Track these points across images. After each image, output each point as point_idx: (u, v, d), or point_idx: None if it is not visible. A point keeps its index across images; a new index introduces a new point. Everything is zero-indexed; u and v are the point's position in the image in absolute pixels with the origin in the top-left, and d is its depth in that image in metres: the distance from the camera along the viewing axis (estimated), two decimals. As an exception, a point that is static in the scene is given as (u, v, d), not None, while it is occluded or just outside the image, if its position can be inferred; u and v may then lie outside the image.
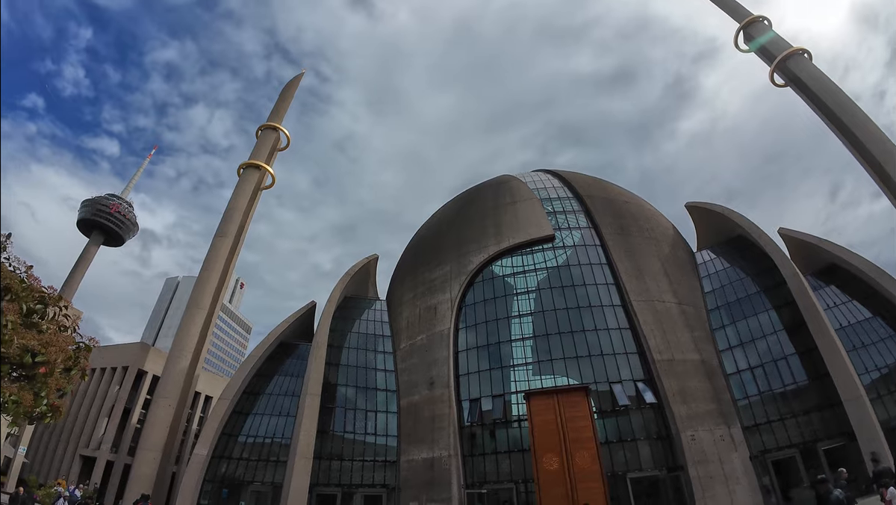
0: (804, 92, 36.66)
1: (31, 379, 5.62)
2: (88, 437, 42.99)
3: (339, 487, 28.87)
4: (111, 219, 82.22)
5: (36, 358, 5.50)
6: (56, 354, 6.00)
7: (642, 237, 31.83)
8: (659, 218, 35.51)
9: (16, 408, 5.55)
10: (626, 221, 32.83)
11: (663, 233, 33.43)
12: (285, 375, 36.06)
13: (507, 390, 27.52)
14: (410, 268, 37.37)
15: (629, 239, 31.40)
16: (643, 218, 33.87)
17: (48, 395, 5.83)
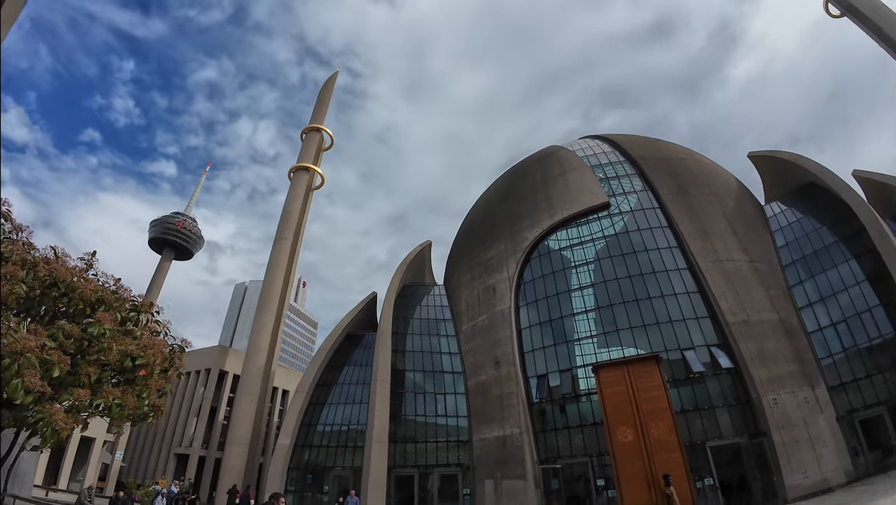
0: (862, 21, 33.88)
1: (131, 382, 6.40)
2: (180, 436, 46.91)
3: (416, 467, 30.00)
4: (179, 235, 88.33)
5: (136, 361, 6.26)
6: (154, 356, 6.72)
7: (703, 195, 30.45)
8: (720, 172, 33.76)
9: (120, 411, 6.25)
10: (685, 180, 31.50)
11: (726, 188, 31.81)
12: (354, 364, 37.63)
13: (573, 365, 27.40)
14: (465, 250, 37.77)
15: (689, 198, 30.15)
16: (702, 174, 32.37)
17: (149, 395, 6.59)
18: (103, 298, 6.33)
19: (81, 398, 5.34)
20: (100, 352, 5.73)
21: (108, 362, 6.00)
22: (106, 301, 6.34)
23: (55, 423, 4.83)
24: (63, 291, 5.83)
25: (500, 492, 25.83)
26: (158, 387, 6.75)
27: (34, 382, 4.59)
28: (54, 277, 5.68)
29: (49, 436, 4.84)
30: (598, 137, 39.76)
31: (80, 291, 5.86)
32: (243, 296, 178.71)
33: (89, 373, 5.63)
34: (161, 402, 7.07)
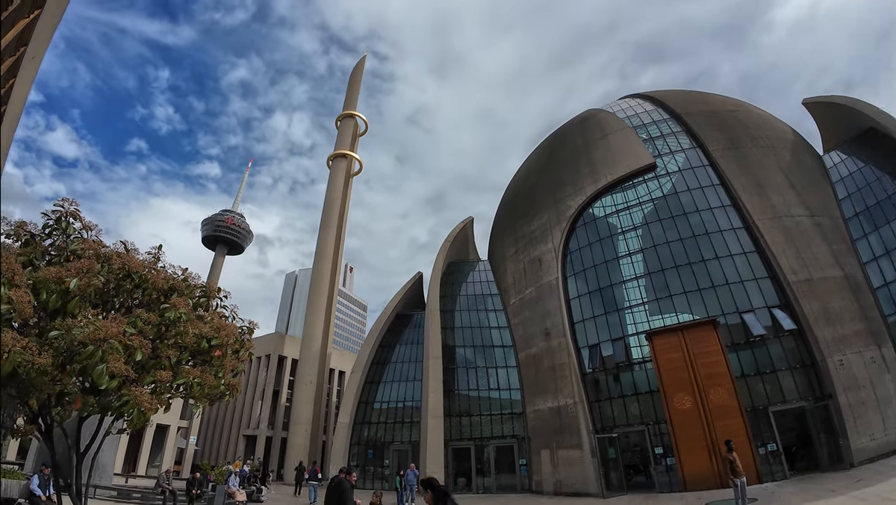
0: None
1: (208, 363, 6.88)
2: (247, 419, 50.03)
3: (472, 440, 30.78)
4: (229, 231, 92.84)
5: (211, 342, 6.65)
6: (227, 336, 7.11)
7: (757, 147, 28.72)
8: (773, 122, 31.65)
9: (200, 389, 6.61)
10: (736, 133, 29.73)
11: (781, 138, 29.85)
12: (405, 343, 38.70)
13: (626, 333, 27.01)
14: (508, 223, 37.59)
15: (742, 151, 28.54)
16: (754, 125, 30.45)
17: (224, 375, 7.06)
18: (175, 286, 6.73)
19: (164, 379, 5.79)
20: (177, 336, 6.11)
21: (186, 345, 6.41)
22: (177, 289, 6.75)
23: (141, 404, 5.24)
24: (137, 283, 6.24)
25: (557, 461, 26.15)
26: (232, 367, 7.21)
27: (119, 367, 4.98)
28: (128, 269, 6.08)
29: (136, 417, 5.27)
30: (638, 96, 38.18)
31: (152, 280, 6.25)
32: (294, 285, 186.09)
33: (169, 356, 6.08)
34: (236, 381, 7.55)
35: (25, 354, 4.80)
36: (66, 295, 5.34)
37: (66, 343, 5.06)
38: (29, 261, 5.54)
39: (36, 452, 20.09)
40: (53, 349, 5.06)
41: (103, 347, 5.12)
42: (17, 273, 5.00)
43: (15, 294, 4.81)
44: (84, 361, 4.97)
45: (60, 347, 5.08)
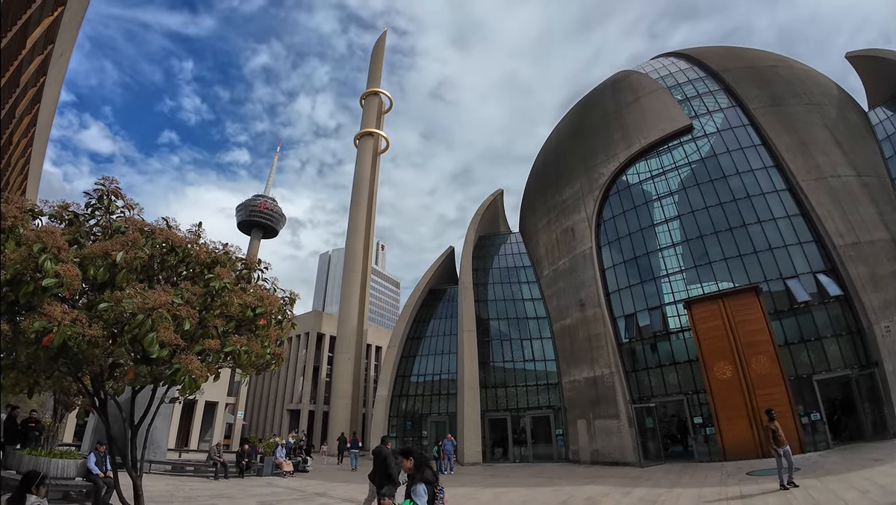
0: None
1: (254, 332, 6.99)
2: (290, 394, 52.24)
3: (508, 411, 31.25)
4: (263, 215, 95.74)
5: (255, 311, 6.72)
6: (270, 305, 7.13)
7: (800, 104, 26.97)
8: (816, 77, 29.55)
9: (247, 357, 6.42)
10: (777, 89, 27.95)
11: (825, 94, 27.86)
12: (439, 318, 39.22)
13: (663, 302, 26.51)
14: (539, 193, 37.08)
15: (784, 109, 26.92)
16: (797, 81, 28.52)
17: (270, 344, 7.19)
18: (217, 258, 6.89)
19: (212, 348, 5.96)
20: (222, 305, 6.30)
21: (231, 315, 6.58)
22: (220, 261, 6.91)
23: (192, 371, 5.46)
24: (181, 257, 6.43)
25: (594, 431, 26.30)
26: (277, 336, 7.34)
27: (168, 336, 5.19)
28: (171, 244, 6.25)
29: (188, 384, 5.43)
30: (672, 55, 36.36)
31: (195, 254, 6.40)
32: (328, 264, 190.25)
33: (216, 325, 6.28)
34: (281, 349, 7.70)
35: (76, 326, 4.96)
36: (113, 268, 5.51)
37: (116, 314, 5.22)
38: (74, 240, 5.67)
39: (92, 431, 21.52)
40: (103, 321, 5.20)
41: (153, 315, 5.11)
42: (63, 249, 5.15)
43: (62, 268, 4.97)
44: (134, 330, 5.15)
45: (110, 318, 5.22)
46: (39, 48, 14.97)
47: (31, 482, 4.72)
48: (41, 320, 4.81)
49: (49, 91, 19.39)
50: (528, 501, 13.76)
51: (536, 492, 15.94)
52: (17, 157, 18.46)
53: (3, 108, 13.22)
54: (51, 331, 4.80)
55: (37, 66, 15.12)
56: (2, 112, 13.29)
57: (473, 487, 18.19)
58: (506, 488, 17.24)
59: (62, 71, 20.73)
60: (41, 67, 16.04)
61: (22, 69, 14.05)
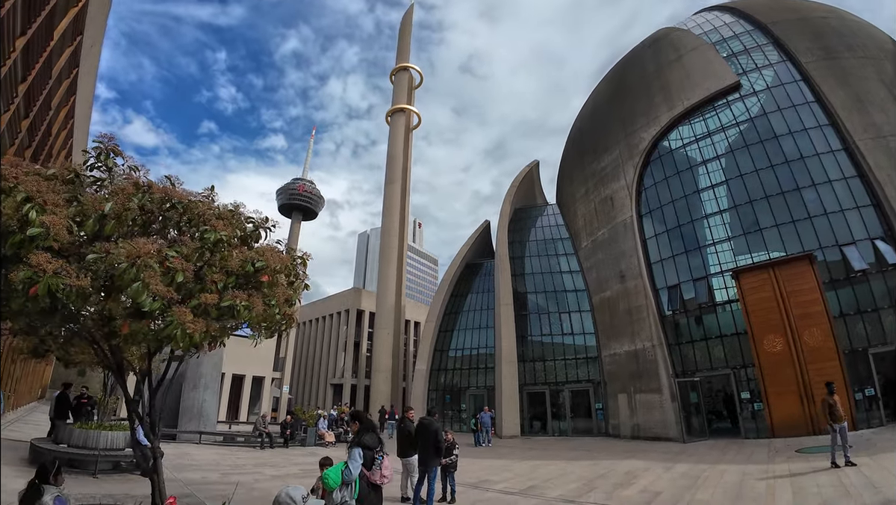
0: None
1: (257, 288, 6.44)
2: (333, 369, 54.01)
3: (546, 385, 31.12)
4: (302, 198, 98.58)
5: (256, 265, 6.08)
6: (273, 260, 6.30)
7: (855, 57, 24.45)
8: (870, 30, 26.54)
9: (248, 313, 5.80)
10: (830, 41, 25.55)
11: (880, 48, 25.14)
12: (476, 292, 39.19)
13: (709, 272, 25.36)
14: (576, 162, 35.91)
15: (838, 62, 24.46)
16: (850, 33, 25.90)
17: (278, 303, 6.70)
18: (222, 215, 6.26)
19: (209, 301, 5.41)
20: (221, 260, 5.87)
21: (231, 269, 5.89)
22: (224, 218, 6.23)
23: (185, 324, 4.99)
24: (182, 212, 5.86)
25: (635, 405, 25.86)
26: (287, 297, 6.63)
27: (160, 289, 4.93)
28: (171, 199, 5.73)
29: (180, 337, 5.09)
30: (716, 8, 33.75)
31: (199, 211, 5.84)
32: (367, 243, 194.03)
33: (214, 280, 5.76)
34: (292, 310, 7.20)
35: (62, 277, 4.72)
36: (104, 220, 5.26)
37: (106, 266, 4.98)
38: (73, 197, 5.47)
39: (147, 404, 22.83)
40: (92, 273, 4.98)
41: (137, 264, 4.84)
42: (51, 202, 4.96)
43: (48, 219, 4.79)
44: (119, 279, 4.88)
45: (99, 270, 4.99)
46: (69, 39, 15.28)
47: (47, 473, 4.70)
48: (26, 270, 4.63)
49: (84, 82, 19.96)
50: (566, 474, 13.60)
51: (574, 465, 15.80)
52: (58, 149, 19.23)
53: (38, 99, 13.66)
54: (37, 281, 4.61)
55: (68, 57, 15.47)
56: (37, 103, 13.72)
57: (510, 459, 18.26)
58: (543, 461, 17.14)
59: (95, 62, 21.31)
60: (73, 59, 16.43)
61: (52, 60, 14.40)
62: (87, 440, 11.75)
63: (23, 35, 10.41)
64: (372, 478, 5.38)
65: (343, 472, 5.00)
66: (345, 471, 5.01)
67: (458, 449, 10.46)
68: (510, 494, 10.76)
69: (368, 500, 5.32)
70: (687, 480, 11.80)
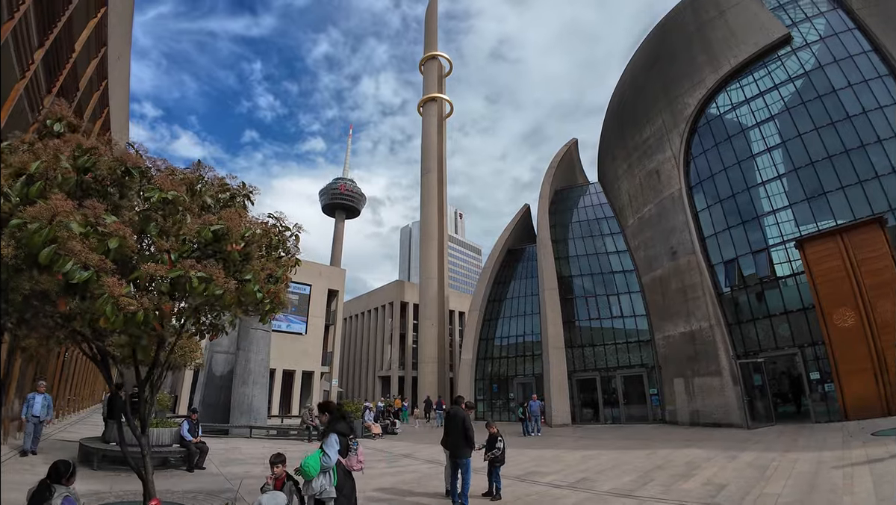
0: None
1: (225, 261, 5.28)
2: (380, 361, 54.89)
3: (597, 370, 30.19)
4: (344, 197, 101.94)
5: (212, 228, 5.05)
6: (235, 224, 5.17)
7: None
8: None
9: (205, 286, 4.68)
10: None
11: None
12: (519, 278, 38.54)
13: (769, 244, 23.67)
14: (616, 136, 34.38)
15: (892, 4, 22.08)
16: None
17: (257, 279, 5.36)
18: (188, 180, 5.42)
19: (153, 272, 4.54)
20: (175, 225, 4.86)
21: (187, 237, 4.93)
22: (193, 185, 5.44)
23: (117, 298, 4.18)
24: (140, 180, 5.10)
25: (692, 390, 24.64)
26: (270, 271, 5.54)
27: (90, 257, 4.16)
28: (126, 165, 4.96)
29: (110, 313, 4.16)
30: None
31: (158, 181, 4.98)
32: (409, 237, 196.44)
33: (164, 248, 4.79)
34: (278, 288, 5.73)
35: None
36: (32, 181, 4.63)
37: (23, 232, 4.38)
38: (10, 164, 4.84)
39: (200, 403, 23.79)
40: (15, 240, 4.36)
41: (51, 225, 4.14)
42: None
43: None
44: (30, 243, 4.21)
45: (22, 238, 4.34)
46: (93, 51, 15.71)
47: (59, 474, 4.70)
48: None
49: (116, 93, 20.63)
50: (620, 465, 12.93)
51: (629, 455, 15.08)
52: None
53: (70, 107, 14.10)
54: None
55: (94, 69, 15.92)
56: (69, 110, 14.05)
57: (560, 449, 17.72)
58: (595, 451, 16.50)
59: (125, 73, 22.01)
60: (100, 70, 16.90)
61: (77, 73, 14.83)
62: (133, 438, 12.17)
63: (41, 47, 10.64)
64: (349, 464, 5.30)
65: (321, 459, 4.90)
66: (323, 458, 4.90)
67: (503, 441, 9.97)
68: (559, 488, 10.28)
69: (347, 487, 5.22)
70: (754, 471, 10.95)
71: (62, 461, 4.86)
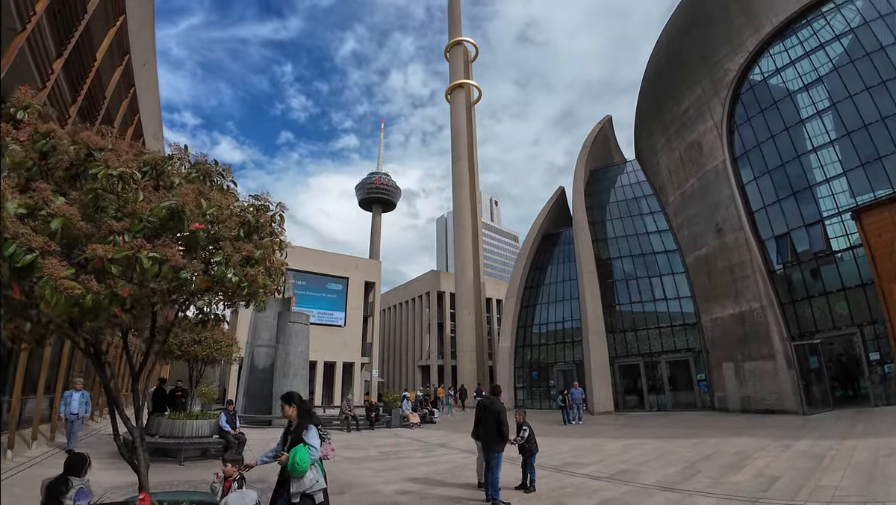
0: None
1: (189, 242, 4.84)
2: (419, 351, 55.53)
3: (640, 356, 29.39)
4: (379, 191, 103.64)
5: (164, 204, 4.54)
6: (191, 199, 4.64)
7: None
8: None
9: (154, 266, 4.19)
10: None
11: None
12: (556, 263, 37.88)
13: (822, 216, 22.20)
14: (654, 109, 32.93)
15: None
16: None
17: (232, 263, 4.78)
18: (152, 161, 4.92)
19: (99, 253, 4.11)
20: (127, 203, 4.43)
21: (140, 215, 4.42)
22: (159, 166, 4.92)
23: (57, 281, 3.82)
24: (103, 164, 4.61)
25: (743, 375, 23.61)
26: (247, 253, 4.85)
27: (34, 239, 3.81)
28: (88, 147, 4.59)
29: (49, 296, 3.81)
30: None
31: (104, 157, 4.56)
32: (445, 227, 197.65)
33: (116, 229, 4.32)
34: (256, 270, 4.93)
35: None
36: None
37: None
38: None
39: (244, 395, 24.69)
40: None
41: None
42: None
43: None
44: None
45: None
46: (116, 59, 16.16)
47: (75, 468, 4.83)
48: None
49: (145, 100, 21.27)
50: (664, 456, 12.43)
51: (674, 444, 14.59)
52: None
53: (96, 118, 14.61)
54: None
55: (119, 77, 16.39)
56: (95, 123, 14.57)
57: (601, 437, 17.38)
58: (638, 440, 16.09)
59: (153, 80, 22.64)
60: (125, 78, 17.41)
61: (103, 81, 15.29)
62: (174, 430, 12.79)
63: (59, 57, 10.95)
64: (323, 453, 5.30)
65: (310, 451, 4.87)
66: (311, 451, 4.88)
67: (528, 429, 9.59)
68: (597, 480, 9.88)
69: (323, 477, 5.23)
70: (810, 461, 10.36)
71: (76, 454, 5.02)
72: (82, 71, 12.88)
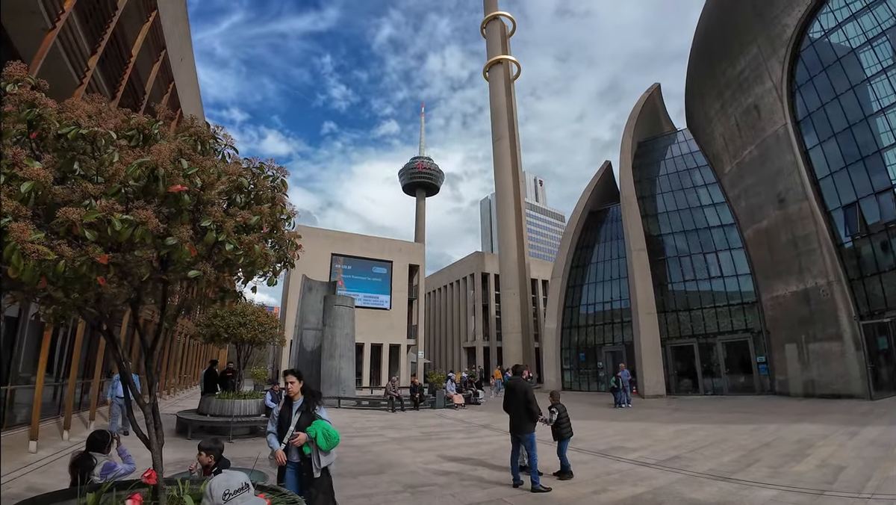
0: None
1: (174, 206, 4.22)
2: (465, 333, 55.99)
3: (694, 337, 28.36)
4: (422, 175, 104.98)
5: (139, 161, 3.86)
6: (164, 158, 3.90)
7: None
8: None
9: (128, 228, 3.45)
10: None
11: None
12: (604, 241, 36.97)
13: (894, 183, 20.32)
14: (706, 73, 31.05)
15: None
16: None
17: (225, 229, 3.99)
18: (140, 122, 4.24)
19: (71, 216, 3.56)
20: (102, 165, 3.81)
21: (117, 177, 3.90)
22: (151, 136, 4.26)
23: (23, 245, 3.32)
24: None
25: (806, 357, 22.40)
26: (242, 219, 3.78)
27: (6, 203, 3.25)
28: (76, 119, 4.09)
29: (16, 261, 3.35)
30: None
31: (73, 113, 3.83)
32: (489, 209, 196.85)
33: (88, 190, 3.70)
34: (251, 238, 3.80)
35: None
36: None
37: None
38: None
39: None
40: None
41: None
42: None
43: None
44: None
45: None
46: (153, 54, 16.73)
47: (98, 445, 4.99)
48: None
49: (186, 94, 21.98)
50: (719, 442, 11.94)
51: (729, 430, 13.99)
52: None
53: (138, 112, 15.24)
54: None
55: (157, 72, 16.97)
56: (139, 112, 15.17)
57: (651, 422, 16.97)
58: (691, 425, 15.57)
59: (192, 75, 23.38)
60: (164, 73, 18.01)
61: (141, 77, 15.89)
62: (223, 409, 13.58)
63: (94, 54, 11.38)
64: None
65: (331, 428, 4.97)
66: (332, 428, 4.98)
67: (558, 410, 9.19)
68: (645, 466, 9.48)
69: None
70: (878, 450, 9.78)
71: (98, 431, 5.19)
72: (119, 67, 13.38)
